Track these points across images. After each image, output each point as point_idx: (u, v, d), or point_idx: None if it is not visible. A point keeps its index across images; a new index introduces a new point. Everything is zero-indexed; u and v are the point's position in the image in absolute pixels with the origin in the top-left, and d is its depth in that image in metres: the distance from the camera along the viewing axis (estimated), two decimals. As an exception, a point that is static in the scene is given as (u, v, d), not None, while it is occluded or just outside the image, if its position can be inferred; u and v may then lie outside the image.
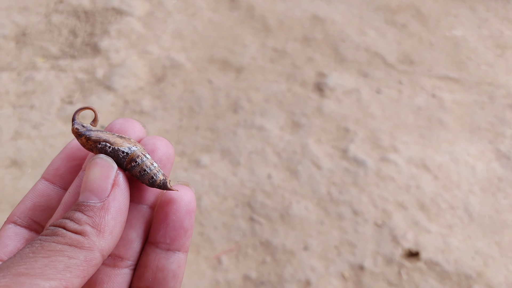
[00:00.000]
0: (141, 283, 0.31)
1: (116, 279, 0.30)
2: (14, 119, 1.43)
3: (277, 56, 1.69)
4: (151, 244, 0.31)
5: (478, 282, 1.17)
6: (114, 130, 0.33)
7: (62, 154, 0.33)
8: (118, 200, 0.28)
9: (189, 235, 0.32)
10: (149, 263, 0.31)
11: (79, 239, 0.26)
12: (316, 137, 1.45)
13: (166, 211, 0.31)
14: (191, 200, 0.32)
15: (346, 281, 1.17)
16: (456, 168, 1.39)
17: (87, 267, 0.25)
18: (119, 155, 0.30)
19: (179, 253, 0.31)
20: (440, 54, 1.73)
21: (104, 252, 0.27)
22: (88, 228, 0.27)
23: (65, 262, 0.25)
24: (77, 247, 0.26)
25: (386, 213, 1.28)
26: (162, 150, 0.32)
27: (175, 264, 0.31)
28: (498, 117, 1.54)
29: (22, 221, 0.32)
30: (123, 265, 0.31)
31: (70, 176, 0.33)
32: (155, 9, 1.82)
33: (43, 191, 0.32)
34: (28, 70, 1.57)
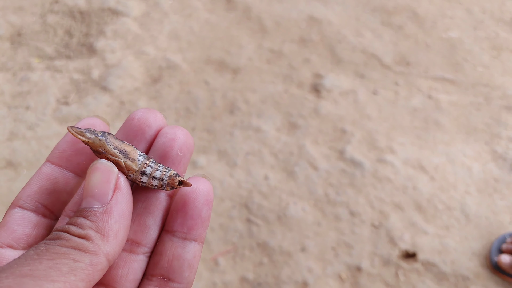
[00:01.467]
0: (156, 271, 0.30)
1: (132, 264, 0.30)
2: (9, 119, 1.42)
3: (273, 57, 1.69)
4: (168, 232, 0.31)
5: (475, 283, 1.17)
6: (135, 120, 0.32)
7: (68, 137, 0.32)
8: (121, 204, 0.28)
9: (206, 226, 0.32)
10: (165, 251, 0.30)
11: (83, 243, 0.26)
12: (313, 138, 1.44)
13: (185, 200, 0.31)
14: (209, 191, 0.32)
15: (343, 282, 1.17)
16: (453, 169, 1.39)
17: (93, 271, 0.25)
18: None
19: (195, 243, 0.31)
20: (436, 55, 1.74)
21: (110, 256, 0.27)
22: (92, 232, 0.26)
23: (70, 265, 0.24)
24: (82, 251, 0.26)
25: (383, 214, 1.28)
26: (182, 140, 0.32)
27: (191, 254, 0.31)
28: (494, 118, 1.54)
29: (29, 205, 0.31)
30: (139, 251, 0.31)
31: (77, 158, 0.32)
32: (151, 10, 1.82)
33: (49, 174, 0.32)
34: (23, 70, 1.56)
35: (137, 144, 0.32)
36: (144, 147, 0.32)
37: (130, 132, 0.32)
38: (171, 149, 0.32)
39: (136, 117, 0.32)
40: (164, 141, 0.32)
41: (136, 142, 0.32)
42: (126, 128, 0.33)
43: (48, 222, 0.32)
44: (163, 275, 0.30)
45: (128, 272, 0.30)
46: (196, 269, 0.31)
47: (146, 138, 0.32)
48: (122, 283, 0.30)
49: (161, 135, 0.32)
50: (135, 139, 0.32)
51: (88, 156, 0.32)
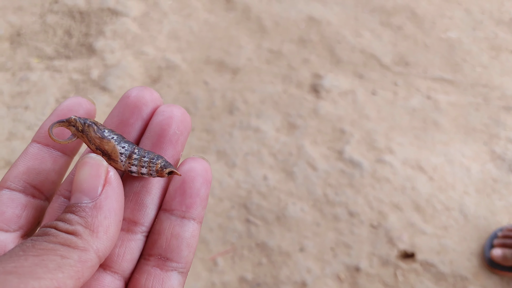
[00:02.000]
0: (154, 250, 0.30)
1: (129, 244, 0.30)
2: (8, 119, 1.42)
3: (273, 58, 1.69)
4: (166, 211, 0.31)
5: (473, 283, 1.17)
6: (131, 98, 0.32)
7: (53, 117, 0.31)
8: (111, 199, 0.27)
9: (204, 206, 0.31)
10: (163, 230, 0.30)
11: (72, 239, 0.25)
12: (312, 138, 1.45)
13: (183, 178, 0.31)
14: (207, 170, 0.31)
15: (342, 283, 1.17)
16: (451, 170, 1.39)
17: (82, 268, 0.24)
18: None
19: (193, 222, 0.30)
20: (435, 55, 1.74)
21: (100, 253, 0.25)
22: (81, 228, 0.25)
23: (57, 262, 0.23)
24: (70, 247, 0.24)
25: (381, 215, 1.28)
26: (179, 118, 0.31)
27: (189, 233, 0.30)
28: (493, 119, 1.54)
29: (17, 186, 0.30)
30: (137, 230, 0.30)
31: (64, 136, 0.32)
32: (151, 10, 1.82)
33: (36, 154, 0.31)
34: (23, 70, 1.56)
35: (133, 122, 0.31)
36: (141, 125, 0.32)
37: (126, 109, 0.31)
38: (168, 127, 0.31)
39: (132, 95, 0.31)
40: (161, 119, 0.31)
41: (132, 120, 0.31)
42: (122, 106, 0.32)
43: (38, 202, 0.31)
44: (161, 254, 0.29)
45: (125, 252, 0.29)
46: (194, 249, 0.30)
47: (143, 116, 0.32)
48: (119, 263, 0.29)
49: (157, 113, 0.31)
50: (131, 117, 0.31)
51: None
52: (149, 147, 0.31)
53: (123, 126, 0.31)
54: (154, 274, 0.29)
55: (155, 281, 0.29)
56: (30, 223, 0.30)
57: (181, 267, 0.30)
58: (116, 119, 0.32)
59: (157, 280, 0.29)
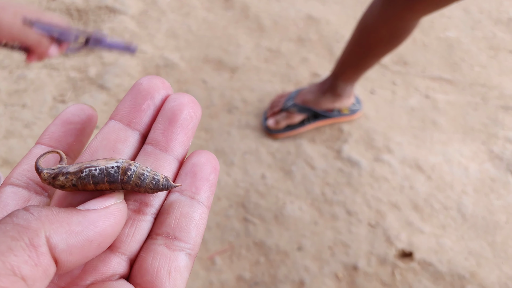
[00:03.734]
0: (162, 229, 0.29)
1: (139, 224, 0.29)
2: (6, 117, 1.41)
3: (271, 56, 1.68)
4: (176, 192, 0.31)
5: (471, 283, 1.17)
6: (144, 85, 0.32)
7: (57, 121, 0.32)
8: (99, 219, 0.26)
9: (213, 191, 0.31)
10: (173, 209, 0.30)
11: (28, 218, 0.23)
12: (310, 137, 1.44)
13: (194, 163, 0.31)
14: (215, 160, 0.32)
15: (340, 282, 1.17)
16: (450, 169, 1.39)
17: (36, 254, 0.22)
18: (110, 171, 0.29)
19: (202, 205, 0.31)
20: (433, 55, 1.74)
21: (51, 242, 0.23)
22: (44, 212, 0.24)
23: (7, 244, 0.21)
24: (22, 226, 0.22)
25: (379, 214, 1.28)
26: (191, 104, 0.32)
27: (198, 214, 0.30)
28: (491, 118, 1.54)
29: (20, 182, 0.30)
30: (147, 211, 0.30)
31: (66, 139, 0.32)
32: (149, 8, 1.81)
33: (39, 154, 0.31)
34: (20, 68, 1.55)
35: (146, 108, 0.32)
36: (152, 111, 0.32)
37: (139, 95, 0.32)
38: (180, 112, 0.32)
39: (144, 82, 0.32)
40: (173, 105, 0.32)
41: (144, 105, 0.32)
42: (135, 92, 0.32)
43: (40, 198, 0.31)
44: (169, 233, 0.29)
45: (135, 231, 0.29)
46: (202, 232, 0.30)
47: (155, 103, 0.32)
48: (127, 243, 0.29)
49: (169, 99, 0.32)
50: (143, 103, 0.32)
51: (78, 137, 0.32)
52: (161, 131, 0.31)
53: (135, 111, 0.32)
54: (161, 253, 0.28)
55: (162, 260, 0.28)
56: None
57: (189, 248, 0.29)
58: (128, 104, 0.32)
59: (164, 259, 0.28)
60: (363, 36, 1.20)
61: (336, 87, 1.38)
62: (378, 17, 1.13)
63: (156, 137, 0.31)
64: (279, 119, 1.41)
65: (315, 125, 1.45)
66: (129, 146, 0.32)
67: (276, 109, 1.43)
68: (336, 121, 1.46)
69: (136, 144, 0.32)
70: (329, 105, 1.42)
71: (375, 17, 1.14)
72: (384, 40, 1.18)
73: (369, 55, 1.24)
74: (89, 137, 0.33)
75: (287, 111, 1.41)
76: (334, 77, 1.36)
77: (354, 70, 1.31)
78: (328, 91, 1.39)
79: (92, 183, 0.29)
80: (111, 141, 0.31)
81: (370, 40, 1.19)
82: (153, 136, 0.32)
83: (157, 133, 0.31)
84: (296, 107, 1.41)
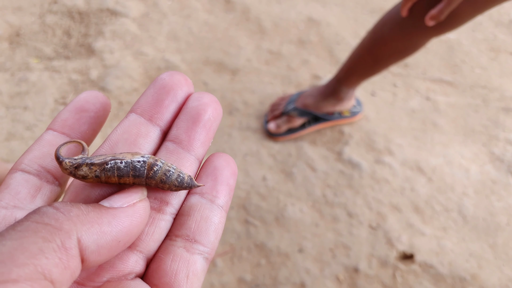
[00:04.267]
0: (182, 231, 0.29)
1: (159, 223, 0.29)
2: (7, 120, 1.42)
3: (272, 58, 1.69)
4: (196, 194, 0.30)
5: (472, 285, 1.17)
6: (167, 80, 0.32)
7: (70, 107, 0.31)
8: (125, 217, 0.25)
9: (231, 196, 0.31)
10: (193, 212, 0.29)
11: (59, 217, 0.22)
12: (311, 139, 1.45)
13: (215, 166, 0.31)
14: (234, 165, 0.32)
15: (341, 284, 1.17)
16: (450, 171, 1.39)
17: (67, 256, 0.21)
18: (136, 165, 0.28)
19: (221, 209, 0.30)
20: (434, 57, 1.74)
21: (83, 242, 0.22)
22: (76, 210, 0.23)
23: (38, 245, 0.20)
24: (53, 227, 0.21)
25: (380, 216, 1.28)
26: (214, 105, 0.32)
27: (217, 218, 0.30)
28: (492, 120, 1.54)
29: (31, 168, 0.29)
30: (167, 211, 0.29)
31: (80, 126, 0.31)
32: (150, 11, 1.82)
33: (52, 140, 0.30)
34: (22, 70, 1.56)
35: (168, 104, 0.31)
36: (174, 108, 0.32)
37: (162, 91, 0.31)
38: (204, 112, 0.31)
39: (167, 78, 0.32)
40: (198, 104, 0.31)
41: (167, 102, 0.31)
42: (157, 87, 0.32)
43: (52, 187, 0.29)
44: (189, 236, 0.29)
45: (155, 231, 0.28)
46: (219, 237, 0.30)
47: (177, 99, 0.32)
48: (146, 242, 0.28)
49: (193, 98, 0.32)
50: (166, 99, 0.31)
51: (91, 125, 0.31)
52: (184, 130, 0.31)
53: (157, 106, 0.31)
54: (181, 255, 0.28)
55: (181, 263, 0.28)
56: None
57: (207, 252, 0.29)
58: (151, 99, 0.31)
59: (183, 262, 0.28)
60: (377, 46, 1.18)
61: (339, 92, 1.38)
62: (397, 30, 1.10)
63: (179, 135, 0.31)
64: (280, 123, 1.41)
65: (316, 128, 1.45)
66: (149, 142, 0.31)
67: (277, 112, 1.44)
68: (337, 123, 1.46)
69: (157, 140, 0.31)
70: (331, 109, 1.42)
71: (393, 29, 1.12)
72: (398, 52, 1.16)
73: (380, 64, 1.23)
74: (101, 126, 0.32)
75: (288, 115, 1.41)
76: (338, 82, 1.36)
77: (361, 77, 1.31)
78: (330, 95, 1.39)
79: (116, 175, 0.28)
80: (132, 135, 0.31)
81: (384, 50, 1.18)
82: (176, 134, 0.31)
83: (180, 131, 0.31)
84: (297, 111, 1.41)
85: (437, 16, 0.94)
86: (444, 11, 0.92)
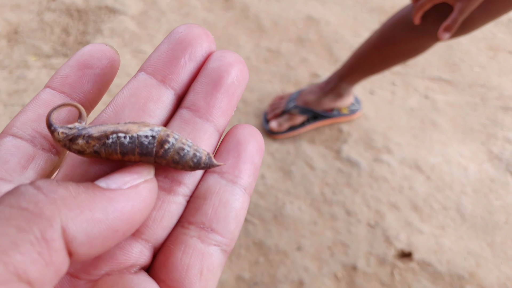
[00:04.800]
0: (196, 217, 0.24)
1: (169, 206, 0.24)
2: (5, 118, 1.41)
3: (271, 57, 1.69)
4: (214, 173, 0.26)
5: (470, 283, 1.17)
6: (184, 34, 0.26)
7: (72, 62, 0.26)
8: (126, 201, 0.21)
9: (256, 177, 0.26)
10: (211, 194, 0.25)
11: (40, 200, 0.18)
12: (310, 137, 1.45)
13: (239, 140, 0.26)
14: (261, 138, 0.27)
15: (339, 282, 1.17)
16: (449, 169, 1.39)
17: (48, 250, 0.17)
18: (143, 141, 0.23)
19: (244, 192, 0.25)
20: (433, 56, 1.74)
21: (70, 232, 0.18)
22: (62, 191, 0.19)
23: (11, 237, 0.16)
24: (31, 213, 0.17)
25: (379, 214, 1.28)
26: (240, 66, 0.27)
27: (239, 203, 0.25)
28: (491, 119, 1.55)
29: (24, 133, 0.24)
30: (179, 191, 0.25)
31: (82, 85, 0.26)
32: (149, 8, 1.82)
33: (49, 101, 0.25)
34: (20, 68, 1.55)
35: (185, 63, 0.26)
36: (192, 68, 0.27)
37: (178, 47, 0.26)
38: (227, 74, 0.26)
39: (185, 30, 0.26)
40: (219, 65, 0.26)
41: (184, 60, 0.26)
42: (172, 42, 0.26)
43: (48, 156, 0.25)
44: (205, 223, 0.24)
45: (163, 216, 0.24)
46: (241, 225, 0.25)
47: (196, 58, 0.26)
48: (153, 229, 0.24)
49: (214, 58, 0.27)
50: (183, 57, 0.26)
51: (97, 84, 0.26)
52: (203, 95, 0.26)
53: (172, 65, 0.26)
54: (194, 247, 0.24)
55: (194, 256, 0.23)
56: (38, 177, 0.24)
57: (225, 243, 0.24)
58: (165, 56, 0.26)
59: (196, 255, 0.23)
60: (386, 45, 1.18)
61: (339, 88, 1.38)
62: (408, 32, 1.10)
63: (196, 102, 0.26)
64: (282, 122, 1.41)
65: (314, 126, 1.45)
66: (161, 107, 0.26)
67: (278, 111, 1.44)
68: (335, 121, 1.46)
69: (170, 105, 0.26)
70: (330, 105, 1.43)
71: (404, 31, 1.11)
72: (407, 52, 1.17)
73: (386, 62, 1.23)
74: (108, 86, 0.27)
75: (288, 113, 1.42)
76: (339, 78, 1.37)
77: (364, 74, 1.31)
78: (330, 92, 1.40)
79: (119, 152, 0.23)
80: (141, 99, 0.26)
81: (393, 50, 1.18)
82: (193, 100, 0.26)
83: (198, 97, 0.26)
84: (297, 109, 1.41)
85: (451, 27, 0.93)
86: (457, 20, 0.91)
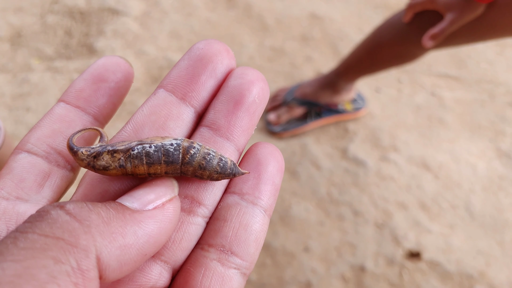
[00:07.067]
0: (216, 239, 0.24)
1: (188, 228, 0.24)
2: (10, 121, 1.41)
3: (275, 55, 1.67)
4: (234, 194, 0.25)
5: (480, 282, 1.16)
6: (204, 50, 0.26)
7: (87, 75, 0.26)
8: (154, 222, 0.20)
9: (276, 198, 0.26)
10: (231, 216, 0.24)
11: (74, 228, 0.17)
12: (315, 137, 1.43)
13: (259, 160, 0.26)
14: (281, 158, 0.27)
15: (347, 283, 1.16)
16: (457, 167, 1.38)
17: (83, 281, 0.16)
18: (168, 149, 0.23)
19: (264, 213, 0.25)
20: (439, 52, 1.72)
21: (103, 261, 0.18)
22: (94, 217, 0.18)
23: (49, 270, 0.16)
24: (67, 243, 0.17)
25: (386, 214, 1.27)
26: (261, 84, 0.26)
27: (259, 225, 0.24)
28: (499, 115, 1.53)
29: (39, 149, 0.24)
30: (199, 212, 0.24)
31: (97, 99, 0.26)
32: (152, 9, 1.81)
33: (64, 116, 0.25)
34: (24, 71, 1.55)
35: (205, 80, 0.26)
36: (213, 85, 0.26)
37: (198, 63, 0.26)
38: (248, 93, 0.25)
39: (205, 46, 0.26)
40: (241, 83, 0.26)
41: (204, 77, 0.26)
42: (193, 58, 0.26)
43: (63, 172, 0.24)
44: (225, 246, 0.23)
45: (183, 238, 0.23)
46: (260, 248, 0.24)
47: (216, 74, 0.26)
48: (173, 251, 0.23)
49: (235, 75, 0.26)
50: (203, 74, 0.26)
51: (111, 98, 0.26)
52: (223, 114, 0.26)
53: (192, 83, 0.26)
54: (214, 270, 0.23)
55: (214, 279, 0.23)
56: (54, 196, 0.24)
57: (245, 266, 0.24)
58: (185, 73, 0.26)
59: (216, 279, 0.23)
60: (376, 50, 1.18)
61: (336, 84, 1.38)
62: (395, 36, 1.10)
63: (217, 120, 0.26)
64: (280, 114, 1.42)
65: (319, 123, 1.44)
66: (181, 125, 0.26)
67: (277, 103, 1.45)
68: (340, 118, 1.45)
69: (190, 123, 0.26)
70: (328, 99, 1.42)
71: (391, 35, 1.11)
72: (394, 58, 1.16)
73: (376, 66, 1.24)
74: (122, 100, 0.27)
75: (287, 105, 1.42)
76: (336, 75, 1.37)
77: (358, 74, 1.32)
78: (327, 86, 1.40)
79: (145, 163, 0.23)
80: (161, 117, 0.25)
81: (383, 54, 1.17)
82: (213, 119, 0.26)
83: (219, 115, 0.26)
84: (296, 101, 1.42)
85: (437, 35, 0.93)
86: (445, 30, 0.91)
